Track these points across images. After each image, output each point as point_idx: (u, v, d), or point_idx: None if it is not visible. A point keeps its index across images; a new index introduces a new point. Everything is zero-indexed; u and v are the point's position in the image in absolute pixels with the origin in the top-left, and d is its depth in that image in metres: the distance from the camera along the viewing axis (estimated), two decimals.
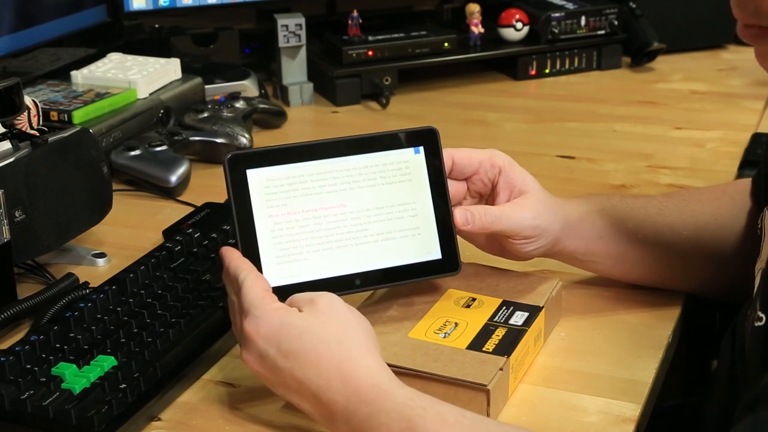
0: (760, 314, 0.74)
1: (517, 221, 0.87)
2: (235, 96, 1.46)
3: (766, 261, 0.77)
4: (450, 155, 0.88)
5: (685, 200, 0.98)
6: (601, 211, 0.94)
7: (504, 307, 0.88)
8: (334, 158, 0.83)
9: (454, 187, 0.89)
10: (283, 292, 0.78)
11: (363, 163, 0.84)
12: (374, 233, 0.84)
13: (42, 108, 1.08)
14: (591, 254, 0.94)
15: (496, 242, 0.91)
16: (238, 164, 0.81)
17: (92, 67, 1.43)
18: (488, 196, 0.91)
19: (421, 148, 0.86)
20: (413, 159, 0.86)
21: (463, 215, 0.86)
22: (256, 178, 0.81)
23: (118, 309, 0.89)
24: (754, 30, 0.73)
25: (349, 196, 0.83)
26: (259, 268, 0.80)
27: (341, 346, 0.74)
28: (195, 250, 0.99)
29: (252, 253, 0.80)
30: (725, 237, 0.95)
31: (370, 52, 1.61)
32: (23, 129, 1.01)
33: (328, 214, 0.83)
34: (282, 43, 1.59)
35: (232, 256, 0.80)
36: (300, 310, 0.76)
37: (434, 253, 0.86)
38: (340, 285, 0.82)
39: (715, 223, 0.95)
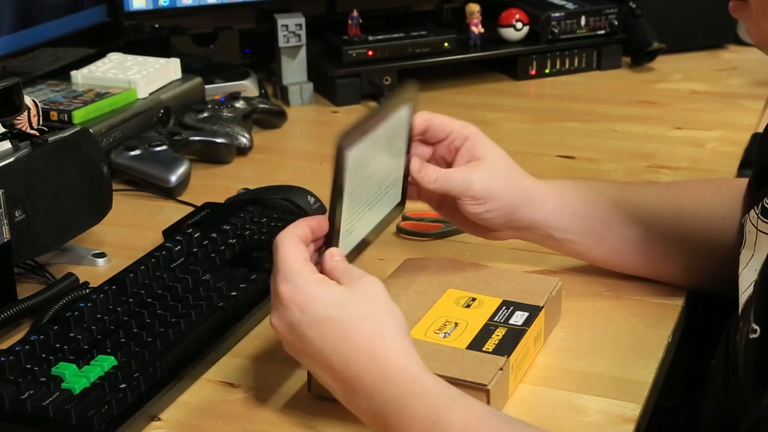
0: (755, 326, 0.73)
1: (463, 180, 0.90)
2: (235, 96, 1.46)
3: (759, 273, 0.77)
4: (428, 119, 0.90)
5: (667, 186, 1.00)
6: (574, 189, 0.96)
7: (504, 307, 0.88)
8: (381, 125, 0.81)
9: (419, 150, 0.91)
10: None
11: (391, 124, 0.83)
12: (381, 190, 0.85)
13: (42, 108, 1.08)
14: (564, 230, 0.95)
15: (467, 219, 0.94)
16: (348, 143, 0.76)
17: (92, 67, 1.43)
18: (450, 163, 0.93)
19: (408, 103, 0.86)
20: (405, 114, 0.86)
21: (417, 164, 0.89)
22: (353, 156, 0.77)
23: (118, 309, 0.89)
24: (735, 3, 0.76)
25: (379, 161, 0.83)
26: (335, 244, 0.79)
27: (377, 324, 0.73)
28: (195, 250, 0.99)
29: (335, 233, 0.79)
30: (706, 224, 0.96)
31: (370, 52, 1.61)
32: (23, 129, 1.01)
33: (369, 181, 0.82)
34: (282, 43, 1.59)
35: (297, 222, 0.79)
36: (341, 283, 0.76)
37: (397, 197, 0.89)
38: (361, 248, 0.84)
39: (695, 208, 0.97)
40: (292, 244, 0.77)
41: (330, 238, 0.79)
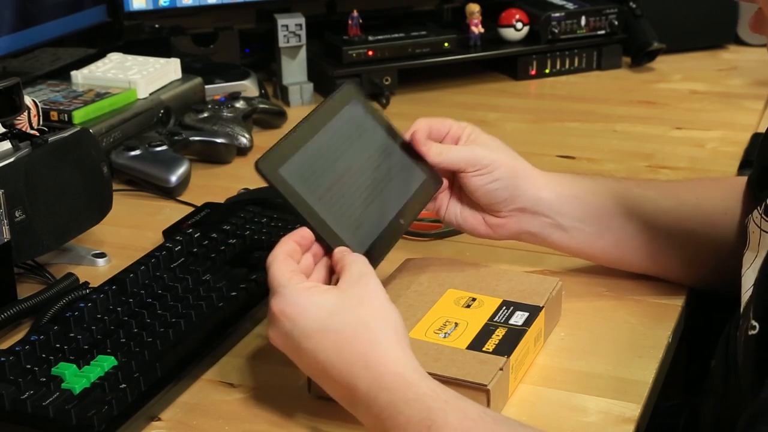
0: (754, 323, 0.74)
1: (466, 150, 0.92)
2: (235, 96, 1.46)
3: (759, 270, 0.77)
4: (428, 120, 0.94)
5: (669, 182, 1.02)
6: (574, 177, 0.98)
7: (504, 307, 0.88)
8: (319, 133, 0.86)
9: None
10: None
11: (337, 125, 0.88)
12: (380, 178, 0.88)
13: (42, 108, 1.08)
14: (569, 216, 0.95)
15: (474, 210, 0.95)
16: (271, 166, 0.80)
17: (92, 67, 1.43)
18: None
19: (354, 101, 0.91)
20: (357, 111, 0.91)
21: (422, 139, 0.91)
22: (290, 171, 0.81)
23: (118, 309, 0.89)
24: (752, 19, 0.75)
25: (348, 158, 0.86)
26: (343, 245, 0.80)
27: (369, 331, 0.74)
28: (195, 250, 0.99)
29: (330, 235, 0.81)
30: (707, 218, 0.96)
31: (370, 52, 1.61)
32: (23, 129, 1.01)
33: (347, 178, 0.85)
34: (282, 43, 1.59)
35: (282, 241, 0.79)
36: (338, 286, 0.76)
37: (421, 176, 0.91)
38: (395, 231, 0.86)
39: (696, 202, 0.97)
40: (280, 260, 0.78)
41: (324, 241, 0.80)
